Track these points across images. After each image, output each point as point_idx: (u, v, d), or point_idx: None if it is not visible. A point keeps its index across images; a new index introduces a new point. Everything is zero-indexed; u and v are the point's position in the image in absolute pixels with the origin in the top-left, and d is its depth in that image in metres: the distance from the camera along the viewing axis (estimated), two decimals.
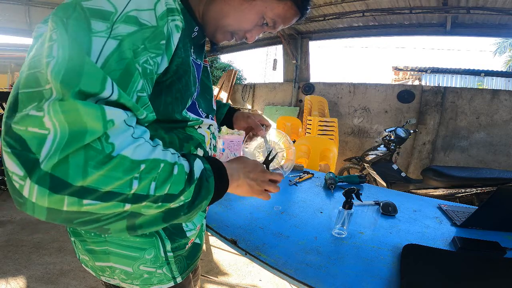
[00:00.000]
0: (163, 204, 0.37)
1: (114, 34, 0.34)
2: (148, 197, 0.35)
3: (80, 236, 0.57)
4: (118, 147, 0.32)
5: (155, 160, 0.36)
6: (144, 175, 0.34)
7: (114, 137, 0.32)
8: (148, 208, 0.37)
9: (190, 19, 0.50)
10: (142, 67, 0.36)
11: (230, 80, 6.17)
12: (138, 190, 0.34)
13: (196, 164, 0.42)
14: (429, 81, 7.68)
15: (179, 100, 0.48)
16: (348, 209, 0.85)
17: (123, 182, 0.33)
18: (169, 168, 0.38)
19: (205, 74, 0.64)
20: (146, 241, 0.55)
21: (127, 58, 0.34)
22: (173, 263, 0.60)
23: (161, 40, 0.39)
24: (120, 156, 0.32)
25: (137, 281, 0.58)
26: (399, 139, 2.81)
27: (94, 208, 0.32)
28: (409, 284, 0.62)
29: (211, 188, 0.44)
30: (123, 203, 0.34)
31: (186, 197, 0.40)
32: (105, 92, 0.32)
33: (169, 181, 0.37)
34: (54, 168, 0.29)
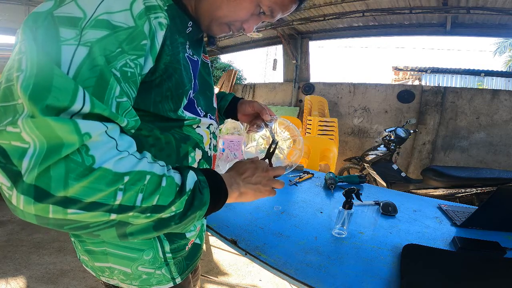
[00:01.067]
0: (152, 214, 0.38)
1: (83, 40, 0.33)
2: (135, 208, 0.36)
3: (79, 236, 0.57)
4: (99, 160, 0.32)
5: (140, 172, 0.36)
6: (129, 187, 0.35)
7: (94, 149, 0.32)
8: (136, 218, 0.37)
9: (182, 14, 0.49)
10: (120, 71, 0.35)
11: (230, 80, 6.17)
12: (124, 201, 0.34)
13: (189, 176, 0.42)
14: (429, 81, 7.68)
15: (170, 99, 0.47)
16: (348, 209, 0.85)
17: (107, 193, 0.33)
18: (157, 180, 0.38)
19: (206, 70, 0.62)
20: (144, 242, 0.55)
21: (99, 65, 0.33)
22: (172, 264, 0.59)
23: (142, 40, 0.37)
24: (101, 169, 0.32)
25: (136, 282, 0.58)
26: (399, 139, 2.81)
27: (79, 217, 0.33)
28: (409, 284, 0.62)
29: (205, 199, 0.44)
30: (109, 213, 0.34)
31: (177, 208, 0.40)
32: (75, 106, 0.31)
33: (157, 193, 0.37)
34: (37, 179, 0.30)
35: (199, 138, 0.57)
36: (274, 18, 0.57)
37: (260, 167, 0.57)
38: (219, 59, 10.69)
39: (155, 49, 0.40)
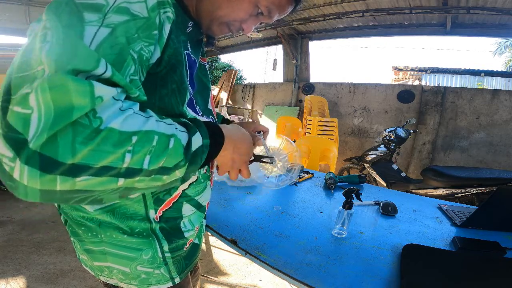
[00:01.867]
0: (156, 176, 0.38)
1: (106, 23, 0.35)
2: (142, 171, 0.35)
3: (78, 236, 0.57)
4: (106, 120, 0.31)
5: (148, 132, 0.35)
6: (137, 148, 0.34)
7: (102, 111, 0.31)
8: (141, 182, 0.37)
9: (183, 14, 0.51)
10: (138, 53, 0.37)
11: (230, 80, 6.17)
12: (132, 164, 0.34)
13: (195, 139, 0.41)
14: (429, 81, 7.68)
15: (176, 92, 0.47)
16: (348, 209, 0.85)
17: (115, 156, 0.32)
18: (164, 141, 0.37)
19: (202, 72, 0.63)
20: (143, 241, 0.55)
21: (120, 43, 0.35)
22: (171, 264, 0.59)
23: (154, 30, 0.40)
24: (107, 129, 0.31)
25: (135, 281, 0.58)
26: (399, 139, 2.81)
27: (88, 184, 0.32)
28: (409, 284, 0.62)
29: (199, 164, 0.44)
30: (117, 177, 0.34)
31: (181, 173, 0.41)
32: (98, 70, 0.32)
33: (164, 154, 0.37)
34: (43, 147, 0.28)
35: None
36: (272, 19, 0.58)
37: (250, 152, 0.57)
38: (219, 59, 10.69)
39: (162, 40, 0.42)
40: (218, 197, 1.13)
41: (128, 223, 0.53)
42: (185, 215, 0.60)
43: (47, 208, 2.70)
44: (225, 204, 1.06)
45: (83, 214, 0.54)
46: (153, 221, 0.55)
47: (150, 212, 0.54)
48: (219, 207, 1.03)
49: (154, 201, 0.54)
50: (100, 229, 0.53)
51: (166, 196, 0.55)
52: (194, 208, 0.62)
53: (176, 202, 0.57)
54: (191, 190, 0.59)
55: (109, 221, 0.53)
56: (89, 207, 0.52)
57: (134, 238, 0.54)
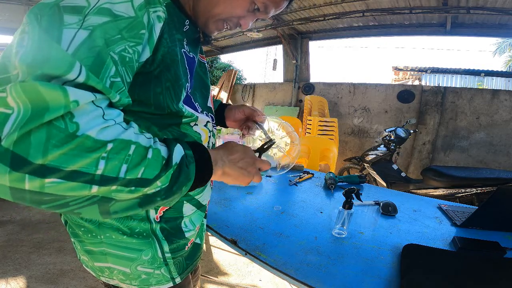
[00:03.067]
0: (136, 189, 0.36)
1: (85, 25, 0.35)
2: (118, 180, 0.34)
3: (78, 237, 0.57)
4: (83, 127, 0.31)
5: (125, 141, 0.35)
6: (112, 156, 0.33)
7: (79, 117, 0.32)
8: (119, 193, 0.35)
9: (179, 12, 0.51)
10: (119, 55, 0.37)
11: (230, 80, 6.17)
12: (106, 171, 0.33)
13: (176, 150, 0.41)
14: (429, 81, 7.68)
15: (170, 90, 0.48)
16: (348, 209, 0.85)
17: (88, 161, 0.32)
18: (142, 151, 0.37)
19: (202, 69, 0.63)
20: (143, 242, 0.55)
21: (98, 46, 0.35)
22: (171, 264, 0.59)
23: (141, 29, 0.39)
24: (84, 136, 0.31)
25: (136, 282, 0.58)
26: (399, 139, 2.81)
27: (58, 188, 0.31)
28: (409, 284, 0.62)
29: (191, 175, 0.43)
30: (89, 184, 0.33)
31: (162, 183, 0.39)
32: (70, 74, 0.32)
33: (142, 164, 0.36)
34: (15, 144, 0.29)
35: (197, 136, 0.57)
36: (268, 14, 0.58)
37: (250, 154, 0.56)
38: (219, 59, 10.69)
39: (152, 40, 0.42)
40: (218, 197, 1.13)
41: (128, 223, 0.53)
42: (186, 214, 0.60)
43: None
44: (225, 204, 1.06)
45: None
46: (153, 221, 0.55)
47: (150, 212, 0.54)
48: (219, 207, 1.03)
49: None
50: (99, 230, 0.53)
51: None
52: (194, 208, 0.62)
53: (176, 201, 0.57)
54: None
55: (109, 222, 0.53)
56: None
57: (134, 238, 0.54)
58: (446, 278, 0.65)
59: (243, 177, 0.53)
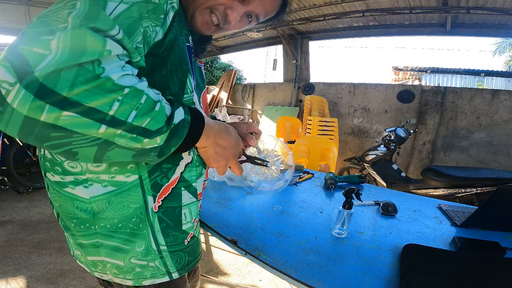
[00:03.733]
0: (138, 137, 0.40)
1: (125, 0, 0.41)
2: (125, 124, 0.38)
3: (70, 230, 0.57)
4: (107, 71, 0.36)
5: (139, 90, 0.39)
6: (126, 100, 0.37)
7: (106, 63, 0.36)
8: (122, 138, 0.39)
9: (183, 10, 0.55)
10: (144, 29, 0.43)
11: (230, 80, 6.17)
12: (117, 113, 0.37)
13: (178, 112, 0.45)
14: (429, 81, 7.69)
15: (173, 74, 0.51)
16: (348, 209, 0.85)
17: (105, 100, 0.36)
18: (151, 102, 0.41)
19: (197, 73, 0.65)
20: (136, 233, 0.55)
21: (133, 17, 0.41)
22: (167, 257, 0.59)
23: (161, 14, 0.45)
24: (106, 77, 0.35)
25: (130, 275, 0.57)
26: (399, 139, 2.81)
27: (71, 122, 0.35)
28: (409, 284, 0.62)
29: (181, 139, 0.46)
30: (100, 123, 0.36)
31: (161, 140, 0.43)
32: (113, 31, 0.38)
33: (149, 115, 0.40)
34: (46, 77, 0.32)
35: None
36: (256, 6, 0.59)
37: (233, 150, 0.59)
38: (219, 59, 10.70)
39: (165, 25, 0.47)
40: (218, 197, 1.13)
41: (124, 212, 0.53)
42: (184, 203, 0.60)
43: (47, 208, 2.70)
44: (225, 204, 1.06)
45: (77, 203, 0.53)
46: (150, 211, 0.54)
47: (148, 200, 0.54)
48: (219, 207, 1.03)
49: (151, 186, 0.53)
50: (94, 219, 0.53)
51: (164, 180, 0.55)
52: (192, 196, 0.61)
53: (174, 188, 0.57)
54: (188, 173, 0.59)
55: (105, 210, 0.52)
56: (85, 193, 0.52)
57: (128, 228, 0.54)
58: (446, 278, 0.65)
59: (211, 160, 0.58)
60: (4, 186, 2.74)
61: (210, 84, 8.34)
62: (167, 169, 0.55)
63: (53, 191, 0.56)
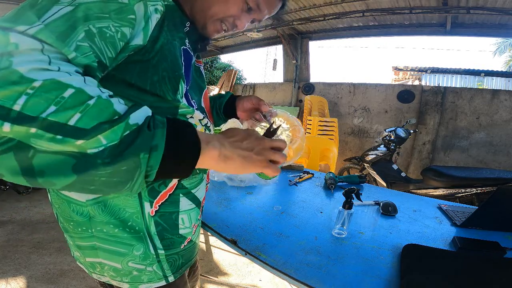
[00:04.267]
0: (64, 138, 0.30)
1: (74, 3, 0.37)
2: (37, 120, 0.29)
3: (68, 231, 0.57)
4: (15, 64, 0.30)
5: (61, 83, 0.31)
6: (38, 93, 0.30)
7: (17, 57, 0.30)
8: (39, 139, 0.30)
9: (181, 14, 0.55)
10: (98, 29, 0.38)
11: (230, 80, 6.17)
12: (26, 108, 0.29)
13: (141, 111, 0.36)
14: (429, 81, 7.68)
15: (166, 80, 0.49)
16: (348, 209, 0.85)
17: (6, 93, 0.29)
18: (81, 97, 0.32)
19: (197, 73, 0.64)
20: (134, 236, 0.54)
21: (75, 17, 0.36)
22: (164, 261, 0.59)
23: (129, 15, 0.41)
24: (10, 69, 0.29)
25: (127, 279, 0.57)
26: (399, 139, 2.81)
27: None
28: (409, 284, 0.62)
29: (157, 142, 0.35)
30: (1, 120, 0.29)
31: (108, 139, 0.32)
32: (20, 27, 0.32)
33: (76, 109, 0.31)
34: None
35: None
36: (262, 13, 0.61)
37: (254, 134, 0.48)
38: (219, 59, 10.69)
39: (147, 29, 0.44)
40: (218, 197, 1.13)
41: (121, 216, 0.53)
42: (182, 210, 0.59)
43: (47, 208, 2.70)
44: (225, 204, 1.06)
45: (74, 206, 0.53)
46: (147, 215, 0.54)
47: (145, 205, 0.53)
48: (219, 207, 1.03)
49: (148, 192, 0.53)
50: (90, 223, 0.53)
51: (162, 186, 0.55)
52: (191, 203, 0.61)
53: (172, 194, 0.57)
54: (187, 180, 0.59)
55: (101, 214, 0.52)
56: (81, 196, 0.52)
57: (125, 232, 0.54)
58: (446, 278, 0.65)
59: (251, 161, 0.44)
60: (4, 186, 2.74)
61: (210, 84, 8.34)
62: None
63: (52, 193, 0.56)
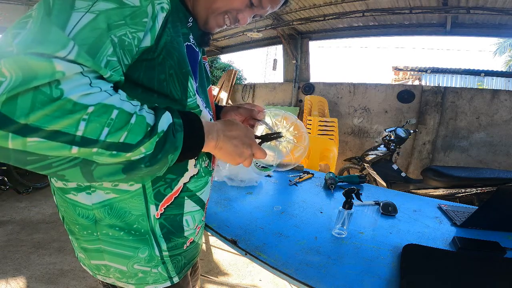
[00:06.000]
0: (118, 153, 0.38)
1: (92, 10, 0.37)
2: (98, 142, 0.36)
3: (74, 234, 0.57)
4: (67, 92, 0.33)
5: (107, 105, 0.36)
6: (93, 118, 0.35)
7: (65, 84, 0.34)
8: (100, 156, 0.37)
9: (184, 9, 0.54)
10: (118, 38, 0.39)
11: (230, 80, 6.16)
12: (86, 132, 0.35)
13: (164, 117, 0.42)
14: (429, 81, 7.68)
15: (174, 78, 0.49)
16: (348, 209, 0.85)
17: (69, 122, 0.34)
18: (125, 116, 0.38)
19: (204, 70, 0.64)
20: (139, 239, 0.55)
21: (100, 28, 0.38)
22: (169, 263, 0.59)
23: (143, 18, 0.42)
24: (65, 99, 0.33)
25: (132, 280, 0.57)
26: (399, 139, 2.81)
27: (39, 147, 0.34)
28: (409, 284, 0.62)
29: (178, 144, 0.44)
30: (70, 145, 0.35)
31: (147, 149, 0.40)
32: (60, 53, 0.34)
33: (124, 129, 0.37)
34: (3, 105, 0.31)
35: None
36: (265, 9, 0.61)
37: (249, 135, 0.56)
38: (219, 59, 10.68)
39: (154, 28, 0.44)
40: (218, 197, 1.13)
41: (126, 219, 0.53)
42: (186, 211, 0.60)
43: (47, 208, 2.70)
44: (225, 204, 1.06)
45: (79, 210, 0.53)
46: (152, 218, 0.55)
47: (150, 208, 0.54)
48: (219, 207, 1.03)
49: (154, 195, 0.53)
50: (95, 226, 0.53)
51: (167, 190, 0.55)
52: (195, 205, 0.62)
53: (177, 197, 0.57)
54: (193, 184, 0.59)
55: (106, 218, 0.52)
56: (87, 199, 0.52)
57: (131, 235, 0.54)
58: (446, 278, 0.65)
59: (234, 155, 0.54)
60: (4, 186, 2.74)
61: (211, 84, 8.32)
62: (171, 180, 0.55)
63: (57, 196, 0.56)
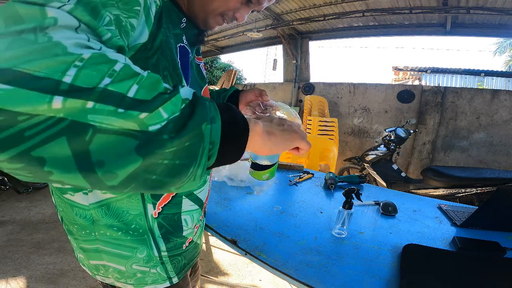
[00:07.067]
0: (127, 112, 0.26)
1: None
2: (95, 92, 0.25)
3: (73, 234, 0.57)
4: (56, 38, 0.26)
5: (109, 57, 0.28)
6: (89, 65, 0.26)
7: (56, 32, 0.26)
8: (99, 114, 0.25)
9: (176, 10, 0.53)
10: (114, 16, 0.35)
11: (230, 80, 6.16)
12: (78, 80, 0.25)
13: (186, 87, 0.34)
14: (429, 81, 7.68)
15: (169, 78, 0.48)
16: (348, 209, 0.85)
17: (53, 64, 0.24)
18: (132, 72, 0.29)
19: (197, 70, 0.64)
20: (138, 239, 0.54)
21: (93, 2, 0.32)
22: (168, 263, 0.59)
23: (135, 6, 0.38)
24: (54, 42, 0.25)
25: (131, 280, 0.57)
26: (399, 139, 2.81)
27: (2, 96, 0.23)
28: (409, 284, 0.62)
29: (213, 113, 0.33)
30: (50, 94, 0.23)
31: (168, 112, 0.29)
32: (54, 3, 0.28)
33: (132, 80, 0.28)
34: None
35: None
36: (261, 5, 0.60)
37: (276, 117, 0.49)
38: (219, 59, 10.68)
39: (150, 22, 0.42)
40: (218, 197, 1.13)
41: (124, 218, 0.53)
42: (184, 210, 0.60)
43: (47, 208, 2.70)
44: (225, 204, 1.06)
45: (77, 210, 0.53)
46: (150, 217, 0.54)
47: (148, 207, 0.53)
48: (219, 207, 1.03)
49: (152, 194, 0.53)
50: (93, 226, 0.53)
51: None
52: (193, 203, 0.61)
53: (175, 196, 0.57)
54: None
55: (104, 218, 0.52)
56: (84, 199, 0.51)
57: (129, 235, 0.54)
58: (446, 278, 0.65)
59: (290, 134, 0.45)
60: (4, 186, 2.74)
61: (210, 84, 8.34)
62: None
63: (55, 196, 0.56)
